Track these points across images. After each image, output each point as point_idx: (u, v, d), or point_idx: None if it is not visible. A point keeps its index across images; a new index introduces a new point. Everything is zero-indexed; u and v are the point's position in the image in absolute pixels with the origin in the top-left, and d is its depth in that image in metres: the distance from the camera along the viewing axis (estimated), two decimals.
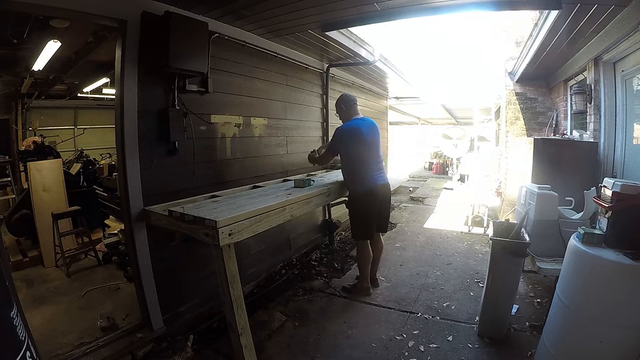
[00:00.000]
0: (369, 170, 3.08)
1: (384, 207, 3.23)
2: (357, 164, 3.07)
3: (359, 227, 3.17)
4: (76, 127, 7.84)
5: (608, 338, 1.69)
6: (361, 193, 3.07)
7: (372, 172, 3.08)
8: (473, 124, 10.07)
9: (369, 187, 3.06)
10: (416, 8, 2.69)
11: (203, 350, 2.46)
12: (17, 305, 1.00)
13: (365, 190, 3.06)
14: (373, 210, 3.11)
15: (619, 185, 1.79)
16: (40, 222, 3.73)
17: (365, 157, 3.07)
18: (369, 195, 3.06)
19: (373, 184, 3.07)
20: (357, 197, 3.10)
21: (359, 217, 3.13)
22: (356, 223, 3.19)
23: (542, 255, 2.75)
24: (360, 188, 3.07)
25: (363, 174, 3.07)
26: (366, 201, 3.06)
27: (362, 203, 3.07)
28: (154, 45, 2.34)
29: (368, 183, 3.06)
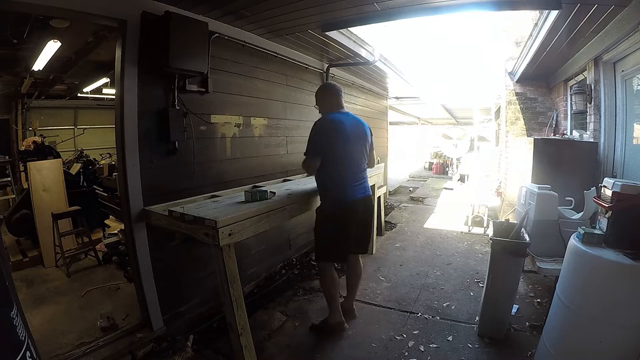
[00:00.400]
0: (348, 179, 2.47)
1: (363, 225, 2.65)
2: (333, 168, 2.43)
3: (324, 248, 2.56)
4: (76, 127, 7.84)
5: (608, 338, 1.69)
6: (334, 208, 2.47)
7: (351, 182, 2.48)
8: (473, 124, 10.07)
9: (345, 201, 2.45)
10: (416, 8, 2.69)
11: (203, 350, 2.46)
12: (17, 305, 1.00)
13: (340, 204, 2.46)
14: (348, 231, 2.49)
15: (619, 185, 1.80)
16: (40, 222, 3.73)
17: (344, 162, 2.46)
18: (345, 211, 2.45)
19: (351, 197, 2.47)
20: (329, 212, 2.49)
21: (327, 237, 2.52)
22: (322, 243, 2.58)
23: (542, 255, 2.75)
24: (334, 202, 2.47)
25: (339, 182, 2.45)
26: (339, 219, 2.45)
27: (334, 220, 2.47)
28: (154, 45, 2.34)
29: (345, 196, 2.45)
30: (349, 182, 2.47)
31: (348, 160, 2.47)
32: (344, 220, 2.46)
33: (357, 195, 2.51)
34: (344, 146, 2.43)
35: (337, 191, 2.46)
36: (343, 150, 2.43)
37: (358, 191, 2.52)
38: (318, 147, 2.42)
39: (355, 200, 2.49)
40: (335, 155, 2.42)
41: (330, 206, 2.50)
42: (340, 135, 2.42)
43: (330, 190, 2.49)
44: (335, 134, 2.41)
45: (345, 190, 2.46)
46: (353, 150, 2.48)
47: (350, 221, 2.48)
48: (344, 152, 2.44)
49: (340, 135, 2.42)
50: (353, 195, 2.48)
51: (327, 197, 2.52)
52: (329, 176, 2.47)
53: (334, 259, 2.64)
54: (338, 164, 2.44)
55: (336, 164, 2.44)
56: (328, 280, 2.60)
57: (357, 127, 2.54)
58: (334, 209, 2.47)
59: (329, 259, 2.58)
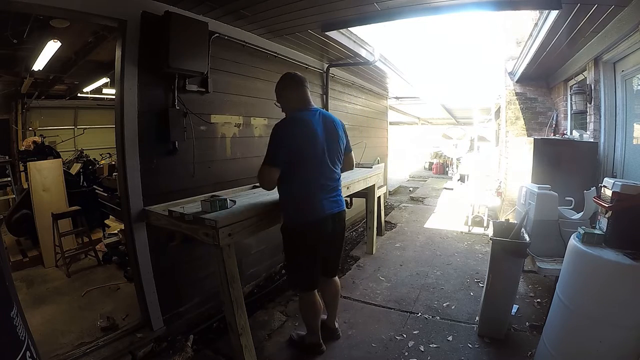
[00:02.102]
0: (317, 193, 2.05)
1: (333, 244, 2.25)
2: (299, 180, 2.03)
3: (297, 273, 2.25)
4: (76, 127, 7.84)
5: (608, 338, 1.68)
6: (299, 226, 2.07)
7: (321, 196, 2.06)
8: (473, 124, 10.07)
9: (313, 219, 2.04)
10: (416, 8, 2.69)
11: (203, 350, 2.46)
12: (17, 305, 1.00)
13: (306, 223, 2.05)
14: (316, 253, 2.13)
15: (619, 185, 1.79)
16: (40, 222, 3.73)
17: (313, 172, 2.03)
18: (313, 231, 2.06)
19: (320, 214, 2.06)
20: (293, 231, 2.10)
21: (296, 260, 2.18)
22: (292, 266, 2.27)
23: (542, 255, 2.75)
24: (299, 219, 2.06)
25: (306, 197, 2.04)
26: (306, 240, 2.07)
27: (300, 242, 2.09)
28: (154, 45, 2.34)
29: (312, 212, 2.04)
30: (319, 196, 2.06)
31: (318, 170, 2.05)
32: (312, 242, 2.08)
33: (327, 209, 2.08)
34: (314, 153, 2.00)
35: (303, 207, 2.05)
36: (311, 158, 2.01)
37: (329, 206, 2.10)
38: (278, 156, 1.96)
39: (325, 217, 2.08)
40: (302, 166, 2.00)
41: (294, 225, 2.09)
42: (307, 140, 1.98)
43: (295, 205, 2.07)
44: (301, 139, 1.97)
45: (313, 206, 2.04)
46: (324, 156, 2.05)
47: (318, 242, 2.10)
48: (312, 160, 2.01)
49: (308, 139, 1.98)
50: (322, 211, 2.06)
51: (290, 214, 2.10)
52: (295, 189, 2.05)
53: (304, 287, 2.21)
54: (305, 175, 2.02)
55: (302, 175, 2.02)
56: (304, 307, 2.29)
57: (328, 126, 2.10)
58: (299, 228, 2.07)
59: (307, 285, 2.21)
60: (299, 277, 2.22)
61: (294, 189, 2.05)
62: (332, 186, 2.12)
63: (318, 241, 2.11)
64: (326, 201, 2.09)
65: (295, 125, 2.02)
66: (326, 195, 2.09)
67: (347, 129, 2.34)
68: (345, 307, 3.06)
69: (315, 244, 2.10)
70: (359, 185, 3.68)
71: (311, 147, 2.00)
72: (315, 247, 2.11)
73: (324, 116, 2.13)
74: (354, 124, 5.60)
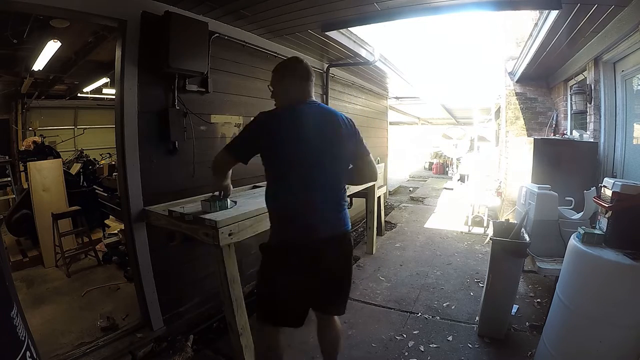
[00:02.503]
0: (308, 204, 1.56)
1: (334, 273, 1.65)
2: (282, 185, 1.60)
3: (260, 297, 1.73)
4: (76, 127, 7.84)
5: (608, 338, 1.68)
6: (277, 245, 1.62)
7: (315, 209, 1.57)
8: (473, 124, 10.07)
9: (297, 237, 1.57)
10: (416, 8, 2.69)
11: (203, 350, 2.46)
12: (17, 305, 0.99)
13: (285, 241, 1.59)
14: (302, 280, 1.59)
15: (619, 185, 1.79)
16: (40, 222, 3.73)
17: (302, 177, 1.56)
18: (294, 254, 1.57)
19: (305, 232, 1.56)
20: (270, 249, 1.64)
21: (264, 282, 1.69)
22: (259, 289, 1.77)
23: (542, 255, 2.75)
24: (279, 235, 1.61)
25: (292, 208, 1.57)
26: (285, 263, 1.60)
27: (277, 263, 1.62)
28: (154, 45, 2.34)
29: (297, 229, 1.57)
30: (312, 210, 1.56)
31: (310, 177, 1.56)
32: (293, 266, 1.58)
33: (320, 231, 1.56)
34: (298, 154, 1.55)
35: (286, 221, 1.59)
36: (300, 161, 1.55)
37: (322, 225, 1.57)
38: (241, 147, 1.65)
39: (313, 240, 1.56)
40: (286, 170, 1.57)
41: (273, 242, 1.63)
42: (290, 140, 1.55)
43: (277, 219, 1.62)
44: (281, 135, 1.56)
45: (301, 219, 1.56)
46: (319, 159, 1.57)
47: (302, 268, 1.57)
48: (302, 164, 1.55)
49: (290, 139, 1.55)
50: (312, 230, 1.55)
51: (272, 227, 1.65)
52: (274, 194, 1.63)
53: (270, 319, 1.66)
54: (292, 181, 1.56)
55: (289, 181, 1.57)
56: (261, 350, 1.83)
57: (324, 121, 1.62)
58: (278, 248, 1.61)
59: (266, 316, 1.66)
60: (263, 305, 1.68)
61: (278, 200, 1.61)
62: (332, 198, 1.62)
63: (304, 268, 1.57)
64: (319, 219, 1.57)
65: (278, 114, 1.64)
66: (319, 211, 1.57)
67: None
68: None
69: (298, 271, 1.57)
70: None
71: (292, 144, 1.55)
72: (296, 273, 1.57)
73: (323, 110, 1.68)
74: None
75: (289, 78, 1.69)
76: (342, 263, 1.70)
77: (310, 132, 1.57)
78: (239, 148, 1.66)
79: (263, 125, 1.61)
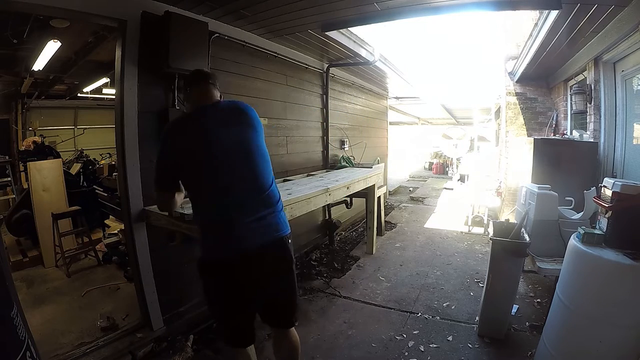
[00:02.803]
0: (230, 213, 1.45)
1: (275, 283, 1.57)
2: (197, 196, 1.53)
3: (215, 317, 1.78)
4: (76, 127, 7.83)
5: (608, 338, 1.68)
6: (206, 262, 1.53)
7: (238, 216, 1.45)
8: (473, 124, 10.07)
9: (224, 252, 1.47)
10: (416, 8, 2.69)
11: (203, 350, 2.46)
12: (17, 305, 1.00)
13: (212, 257, 1.51)
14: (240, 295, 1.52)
15: (619, 185, 1.79)
16: (40, 222, 3.73)
17: (214, 182, 1.46)
18: (224, 269, 1.48)
19: (230, 246, 1.46)
20: (201, 267, 1.55)
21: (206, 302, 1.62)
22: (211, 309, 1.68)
23: (542, 255, 2.75)
24: (206, 252, 1.53)
25: (212, 220, 1.50)
26: (217, 280, 1.52)
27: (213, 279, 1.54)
28: (154, 45, 2.34)
29: (221, 245, 1.48)
30: (235, 219, 1.44)
31: (225, 180, 1.45)
32: (225, 281, 1.49)
33: (248, 240, 1.45)
34: (208, 160, 1.45)
35: (208, 232, 1.51)
36: (210, 166, 1.44)
37: (250, 233, 1.45)
38: (165, 173, 1.54)
39: (243, 250, 1.45)
40: (197, 178, 1.47)
41: (202, 258, 1.53)
42: (197, 143, 1.45)
43: (203, 234, 1.53)
44: (187, 142, 1.46)
45: (222, 232, 1.47)
46: (233, 159, 1.47)
47: (235, 282, 1.48)
48: (211, 168, 1.44)
49: (199, 141, 1.45)
50: (240, 240, 1.44)
51: (200, 244, 1.55)
52: (195, 206, 1.56)
53: (225, 338, 1.64)
54: (205, 189, 1.48)
55: (202, 190, 1.49)
56: None
57: (230, 113, 1.54)
58: (207, 264, 1.53)
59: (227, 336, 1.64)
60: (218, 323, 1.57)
61: (198, 213, 1.55)
62: (253, 203, 1.47)
63: (237, 283, 1.48)
64: (246, 227, 1.44)
65: (176, 127, 1.56)
66: (248, 216, 1.45)
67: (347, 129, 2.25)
68: (345, 307, 3.07)
69: (232, 287, 1.49)
70: (359, 185, 3.69)
71: (207, 150, 1.44)
72: (231, 289, 1.50)
73: (223, 106, 1.57)
74: (354, 124, 5.60)
75: (189, 85, 1.64)
76: (281, 271, 1.58)
77: (213, 132, 1.46)
78: (163, 176, 1.56)
79: (166, 140, 1.54)
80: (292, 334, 1.72)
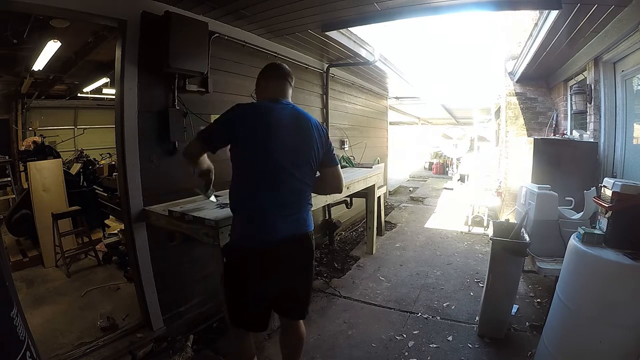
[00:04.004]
0: (268, 203, 1.54)
1: (294, 276, 1.66)
2: (244, 177, 1.59)
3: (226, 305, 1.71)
4: (76, 127, 7.84)
5: (608, 338, 1.69)
6: (232, 247, 1.63)
7: (272, 207, 1.55)
8: (473, 124, 10.07)
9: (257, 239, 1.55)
10: (416, 8, 2.69)
11: (203, 350, 2.46)
12: (17, 305, 1.00)
13: (240, 243, 1.59)
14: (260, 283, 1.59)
15: (619, 185, 1.80)
16: (40, 222, 3.73)
17: (265, 173, 1.55)
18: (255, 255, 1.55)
19: (270, 233, 1.54)
20: (230, 250, 1.64)
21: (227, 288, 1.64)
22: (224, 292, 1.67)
23: (542, 255, 2.75)
24: (239, 233, 1.59)
25: (251, 205, 1.56)
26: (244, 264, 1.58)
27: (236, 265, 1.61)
28: (154, 45, 2.34)
29: (257, 229, 1.54)
30: (270, 210, 1.54)
31: (273, 174, 1.54)
32: (253, 268, 1.57)
33: (280, 231, 1.54)
34: (265, 144, 1.54)
35: (244, 219, 1.58)
36: (261, 149, 1.53)
37: (284, 225, 1.56)
38: (214, 135, 1.64)
39: (275, 241, 1.54)
40: (247, 156, 1.56)
41: (230, 243, 1.65)
42: (261, 126, 1.55)
43: (235, 217, 1.61)
44: (254, 122, 1.56)
45: (257, 220, 1.54)
46: (284, 157, 1.55)
47: (263, 270, 1.57)
48: (262, 153, 1.53)
49: (262, 125, 1.55)
50: (273, 230, 1.53)
51: (233, 225, 1.63)
52: (237, 190, 1.61)
53: (237, 323, 1.67)
54: (251, 170, 1.56)
55: (248, 170, 1.57)
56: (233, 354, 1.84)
57: (297, 122, 1.64)
58: (233, 249, 1.62)
59: (235, 320, 1.67)
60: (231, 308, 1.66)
61: (236, 192, 1.61)
62: (291, 198, 1.59)
63: (263, 269, 1.57)
64: (280, 217, 1.55)
65: (251, 108, 1.65)
66: (279, 209, 1.55)
67: (347, 129, 2.27)
68: (345, 307, 3.07)
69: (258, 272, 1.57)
70: (359, 185, 3.69)
71: (261, 137, 1.54)
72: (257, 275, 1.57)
73: (297, 112, 1.67)
74: (354, 124, 5.60)
75: (266, 79, 1.77)
76: (303, 264, 1.69)
77: (283, 130, 1.58)
78: (212, 134, 1.64)
79: (240, 114, 1.61)
80: (302, 326, 1.84)
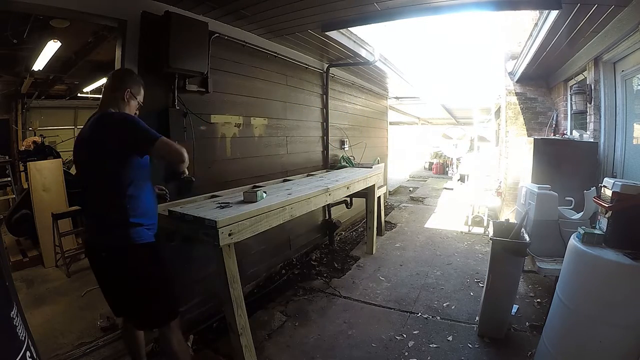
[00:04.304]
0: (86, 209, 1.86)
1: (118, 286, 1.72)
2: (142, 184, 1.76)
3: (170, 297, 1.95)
4: (76, 127, 7.83)
5: (608, 338, 1.68)
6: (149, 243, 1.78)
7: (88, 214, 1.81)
8: (473, 124, 10.07)
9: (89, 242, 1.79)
10: (416, 8, 2.69)
11: (203, 350, 2.46)
12: (17, 305, 0.99)
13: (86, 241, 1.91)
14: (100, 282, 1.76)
15: (619, 185, 1.80)
16: (40, 222, 3.73)
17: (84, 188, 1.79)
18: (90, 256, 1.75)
19: (88, 236, 1.81)
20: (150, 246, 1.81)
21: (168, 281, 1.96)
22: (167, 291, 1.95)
23: (542, 255, 2.75)
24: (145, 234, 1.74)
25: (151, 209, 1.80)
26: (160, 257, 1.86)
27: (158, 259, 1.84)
28: (154, 45, 2.34)
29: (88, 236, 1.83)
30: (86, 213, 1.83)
31: (86, 178, 1.75)
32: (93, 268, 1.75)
33: (92, 236, 1.72)
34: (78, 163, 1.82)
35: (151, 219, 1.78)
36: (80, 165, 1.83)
37: (93, 230, 1.71)
38: None
39: (89, 242, 1.76)
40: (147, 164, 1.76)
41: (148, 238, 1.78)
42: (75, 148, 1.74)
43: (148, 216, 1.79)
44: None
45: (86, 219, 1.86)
46: (84, 166, 1.76)
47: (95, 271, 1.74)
48: (81, 172, 1.83)
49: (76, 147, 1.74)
50: (95, 238, 1.70)
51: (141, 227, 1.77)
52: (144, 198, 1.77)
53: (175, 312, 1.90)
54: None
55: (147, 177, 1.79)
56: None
57: (90, 129, 1.64)
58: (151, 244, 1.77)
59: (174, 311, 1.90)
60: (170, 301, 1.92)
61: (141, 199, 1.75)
62: (94, 206, 1.71)
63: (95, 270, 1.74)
64: (89, 223, 1.76)
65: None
66: (89, 216, 1.76)
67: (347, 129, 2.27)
68: (345, 307, 3.07)
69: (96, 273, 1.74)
70: (358, 185, 3.69)
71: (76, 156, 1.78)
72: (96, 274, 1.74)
73: (94, 118, 1.68)
74: (354, 124, 5.60)
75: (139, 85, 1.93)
76: (127, 278, 1.68)
77: (80, 145, 1.70)
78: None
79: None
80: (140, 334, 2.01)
